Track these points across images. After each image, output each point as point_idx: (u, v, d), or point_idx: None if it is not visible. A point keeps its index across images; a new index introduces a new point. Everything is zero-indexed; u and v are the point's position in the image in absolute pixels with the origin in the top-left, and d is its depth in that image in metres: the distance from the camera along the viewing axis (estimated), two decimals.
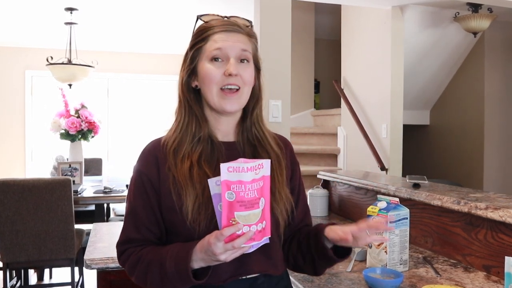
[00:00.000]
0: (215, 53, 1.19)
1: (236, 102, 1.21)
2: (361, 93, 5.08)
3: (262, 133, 1.29)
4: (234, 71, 1.17)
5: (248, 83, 1.22)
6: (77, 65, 4.86)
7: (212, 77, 1.19)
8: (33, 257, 3.36)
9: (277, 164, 1.25)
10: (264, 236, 1.07)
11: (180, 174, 1.17)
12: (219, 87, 1.19)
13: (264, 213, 1.06)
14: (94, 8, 4.87)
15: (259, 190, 1.05)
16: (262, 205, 1.05)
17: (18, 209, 3.28)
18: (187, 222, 1.14)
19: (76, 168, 4.23)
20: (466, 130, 5.62)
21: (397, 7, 4.46)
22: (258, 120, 1.29)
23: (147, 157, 1.24)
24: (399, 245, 1.65)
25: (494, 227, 1.62)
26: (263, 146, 1.27)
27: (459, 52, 5.41)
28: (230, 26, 1.21)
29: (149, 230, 1.21)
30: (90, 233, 2.30)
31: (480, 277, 1.61)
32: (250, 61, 1.23)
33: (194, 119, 1.23)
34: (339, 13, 5.57)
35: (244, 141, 1.28)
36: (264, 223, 1.06)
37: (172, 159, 1.20)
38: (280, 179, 1.24)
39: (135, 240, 1.22)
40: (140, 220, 1.21)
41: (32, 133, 6.87)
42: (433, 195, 1.88)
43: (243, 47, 1.20)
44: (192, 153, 1.20)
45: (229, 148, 1.25)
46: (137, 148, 1.38)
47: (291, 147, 1.39)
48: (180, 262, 1.09)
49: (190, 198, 1.14)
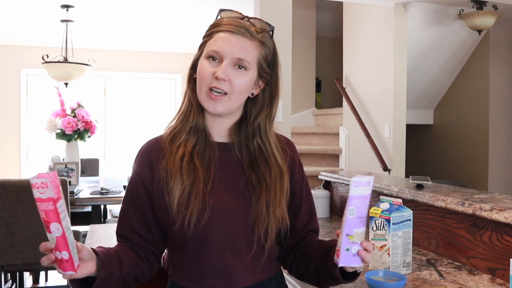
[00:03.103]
0: (211, 52, 1.17)
1: (220, 106, 1.17)
2: (363, 92, 5.06)
3: (268, 145, 1.24)
4: (222, 75, 1.14)
5: (238, 91, 1.17)
6: (73, 64, 4.84)
7: (203, 75, 1.17)
8: (29, 260, 3.31)
9: (277, 179, 1.21)
10: (70, 270, 0.97)
11: (172, 162, 1.18)
12: (208, 87, 1.17)
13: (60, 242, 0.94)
14: (91, 6, 4.87)
15: (47, 213, 0.91)
16: (56, 232, 0.93)
17: (13, 211, 3.25)
18: (172, 214, 1.14)
19: (72, 168, 4.20)
20: (470, 130, 5.59)
21: (400, 4, 4.43)
22: (265, 131, 1.24)
23: (141, 157, 1.25)
24: (402, 247, 1.63)
25: (499, 229, 1.60)
26: (265, 159, 1.23)
27: (463, 50, 5.39)
28: (237, 27, 1.16)
29: (134, 232, 1.22)
30: (87, 235, 2.28)
31: (485, 279, 1.59)
32: (248, 69, 1.18)
33: (194, 109, 1.22)
34: (341, 10, 5.56)
35: (241, 146, 1.24)
36: (65, 254, 0.95)
37: (169, 145, 1.21)
38: (277, 195, 1.20)
39: (126, 238, 1.24)
40: (127, 221, 1.23)
41: (27, 133, 6.83)
42: (436, 196, 1.86)
43: (240, 55, 1.16)
44: (187, 143, 1.20)
45: (223, 149, 1.24)
46: (135, 148, 1.35)
47: (294, 150, 1.33)
48: None
49: (176, 189, 1.15)
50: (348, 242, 1.03)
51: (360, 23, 5.10)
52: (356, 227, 1.02)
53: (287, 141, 1.33)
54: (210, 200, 1.15)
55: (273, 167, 1.21)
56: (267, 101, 1.25)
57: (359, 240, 1.03)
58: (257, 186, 1.19)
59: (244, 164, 1.22)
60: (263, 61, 1.21)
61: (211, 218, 1.15)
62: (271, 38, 1.23)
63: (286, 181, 1.23)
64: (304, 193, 1.33)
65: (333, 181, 2.75)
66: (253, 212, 1.18)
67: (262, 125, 1.24)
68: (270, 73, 1.24)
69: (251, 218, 1.18)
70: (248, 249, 1.19)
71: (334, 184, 2.76)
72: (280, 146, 1.28)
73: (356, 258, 1.04)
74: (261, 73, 1.21)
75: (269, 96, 1.25)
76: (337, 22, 6.20)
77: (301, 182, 1.32)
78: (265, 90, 1.24)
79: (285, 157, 1.27)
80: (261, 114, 1.24)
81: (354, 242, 1.03)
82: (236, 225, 1.18)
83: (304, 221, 1.31)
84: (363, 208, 1.03)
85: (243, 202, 1.19)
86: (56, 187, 0.91)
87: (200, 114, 1.22)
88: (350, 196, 1.01)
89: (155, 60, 7.22)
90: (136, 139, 6.81)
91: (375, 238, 1.64)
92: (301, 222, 1.30)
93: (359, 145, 4.97)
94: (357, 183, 1.01)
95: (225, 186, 1.20)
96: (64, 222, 0.93)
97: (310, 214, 1.34)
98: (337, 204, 2.73)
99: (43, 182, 0.90)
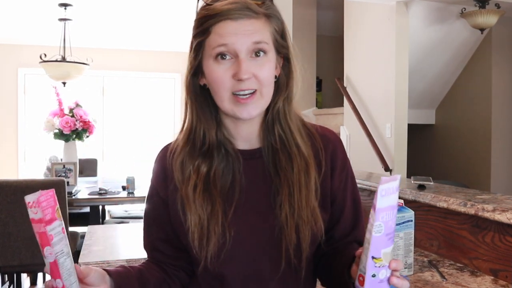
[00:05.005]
0: (219, 50, 0.96)
1: (254, 107, 0.99)
2: (365, 91, 5.05)
3: (289, 131, 1.04)
4: (245, 75, 0.95)
5: (267, 82, 0.99)
6: (71, 63, 4.84)
7: (220, 82, 0.97)
8: (26, 261, 3.30)
9: (301, 173, 1.02)
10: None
11: (185, 195, 1.02)
12: (231, 92, 0.98)
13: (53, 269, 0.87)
14: (89, 4, 4.86)
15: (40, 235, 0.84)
16: (49, 257, 0.85)
17: (10, 211, 3.23)
18: (194, 252, 1.02)
19: (70, 169, 4.17)
20: (473, 130, 5.56)
21: (402, 3, 4.42)
22: (284, 115, 1.04)
23: (156, 168, 1.11)
24: (404, 248, 1.62)
25: (501, 229, 1.58)
26: (286, 150, 1.04)
27: (465, 49, 5.36)
28: (238, 11, 0.95)
29: (156, 250, 1.12)
30: (85, 236, 2.26)
31: (487, 281, 1.58)
32: (268, 52, 0.99)
33: (202, 124, 1.04)
34: (342, 9, 5.54)
35: (268, 147, 1.06)
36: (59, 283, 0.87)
37: (179, 174, 1.04)
38: (302, 193, 1.01)
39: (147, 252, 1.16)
40: (150, 238, 1.13)
41: (25, 133, 6.84)
42: (438, 197, 1.85)
43: (256, 38, 0.96)
44: (199, 169, 1.03)
45: (250, 157, 1.06)
46: (134, 148, 1.29)
47: (336, 146, 1.10)
48: None
49: (194, 225, 1.00)
50: (375, 267, 0.83)
51: (361, 22, 5.09)
52: (384, 247, 0.82)
53: (326, 133, 1.11)
54: (231, 229, 1.00)
55: (295, 159, 1.03)
56: (283, 80, 1.05)
57: (387, 262, 0.83)
58: (280, 189, 1.02)
59: (270, 169, 1.05)
60: (277, 35, 1.02)
61: (232, 250, 1.01)
62: (272, 3, 1.03)
63: (313, 174, 1.03)
64: (347, 199, 1.11)
65: None
66: (277, 224, 1.00)
67: (281, 109, 1.04)
68: (286, 45, 1.05)
69: (276, 233, 1.01)
70: (275, 271, 1.02)
71: None
72: (305, 132, 1.08)
73: (384, 285, 0.85)
74: (278, 49, 1.03)
75: (285, 75, 1.06)
76: (338, 20, 6.19)
77: (345, 184, 1.11)
78: (284, 67, 1.06)
79: (317, 152, 1.07)
80: (280, 96, 1.04)
81: (382, 266, 0.83)
82: (261, 248, 1.03)
83: (345, 231, 1.11)
84: (391, 221, 0.82)
85: (268, 217, 1.03)
86: (49, 207, 0.83)
87: (213, 125, 1.04)
88: (377, 208, 0.79)
89: (154, 59, 7.22)
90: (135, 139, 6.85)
91: None
92: (341, 231, 1.10)
93: (360, 145, 4.97)
94: (385, 191, 0.80)
95: (251, 205, 1.04)
96: (57, 246, 0.85)
97: (354, 222, 1.12)
98: None
99: (34, 201, 0.82)
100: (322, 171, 1.06)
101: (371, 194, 2.37)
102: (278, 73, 1.05)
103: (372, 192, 2.35)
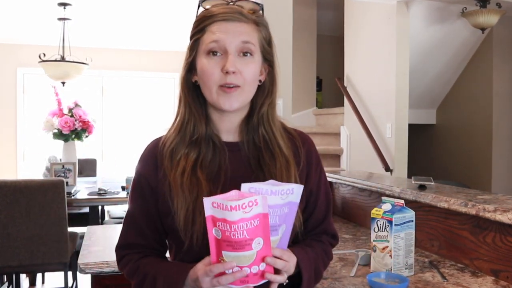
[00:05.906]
0: (211, 46, 1.09)
1: (235, 100, 1.11)
2: (365, 91, 5.05)
3: (272, 134, 1.18)
4: (232, 68, 1.07)
5: (250, 80, 1.11)
6: (70, 62, 4.85)
7: (209, 74, 1.10)
8: (25, 261, 3.30)
9: (283, 170, 1.14)
10: (261, 280, 0.99)
11: (173, 180, 1.11)
12: (218, 85, 1.10)
13: (261, 255, 0.96)
14: (88, 3, 4.87)
15: (251, 230, 0.94)
16: (257, 246, 0.95)
17: (9, 211, 3.23)
18: (180, 233, 1.09)
19: (69, 169, 4.17)
20: (473, 130, 5.57)
21: (402, 2, 4.42)
22: (268, 118, 1.18)
23: (146, 158, 1.20)
24: (404, 248, 1.63)
25: (502, 230, 1.59)
26: (269, 149, 1.16)
27: (466, 49, 5.37)
28: (231, 14, 1.10)
29: (146, 236, 1.18)
30: (84, 236, 2.27)
31: (488, 281, 1.59)
32: (254, 54, 1.12)
33: (193, 117, 1.15)
34: (342, 8, 5.54)
35: (249, 141, 1.18)
36: (262, 266, 0.97)
37: (169, 162, 1.14)
38: None
39: (133, 245, 1.19)
40: (137, 225, 1.19)
41: (24, 133, 6.85)
42: (439, 197, 1.86)
43: (244, 38, 1.09)
44: (188, 156, 1.13)
45: (232, 150, 1.17)
46: (133, 148, 1.30)
47: (310, 146, 1.25)
48: (171, 286, 1.07)
49: (180, 208, 1.09)
50: None
51: (362, 21, 5.09)
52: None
53: (302, 135, 1.26)
54: None
55: (278, 158, 1.15)
56: (268, 86, 1.18)
57: None
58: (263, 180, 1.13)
59: (251, 162, 1.16)
60: (264, 42, 1.15)
61: None
62: (263, 15, 1.18)
63: (293, 172, 1.16)
64: (323, 190, 1.25)
65: (334, 181, 2.75)
66: None
67: (265, 113, 1.18)
68: (272, 53, 1.18)
69: None
70: None
71: (335, 184, 2.76)
72: (286, 136, 1.21)
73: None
74: (264, 55, 1.16)
75: (270, 80, 1.19)
76: (338, 20, 6.19)
77: (319, 182, 1.25)
78: (269, 74, 1.18)
79: (296, 151, 1.20)
80: (265, 101, 1.18)
81: None
82: None
83: (318, 222, 1.25)
84: None
85: None
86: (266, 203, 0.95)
87: (203, 119, 1.16)
88: None
89: (153, 58, 7.22)
90: (134, 139, 6.84)
91: (377, 239, 1.63)
92: (313, 222, 1.24)
93: (360, 145, 4.97)
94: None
95: None
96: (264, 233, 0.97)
97: (325, 214, 1.26)
98: (338, 205, 2.73)
99: (251, 201, 0.92)
100: (300, 167, 1.19)
101: (371, 194, 2.38)
102: (264, 78, 1.18)
103: (372, 192, 2.36)
